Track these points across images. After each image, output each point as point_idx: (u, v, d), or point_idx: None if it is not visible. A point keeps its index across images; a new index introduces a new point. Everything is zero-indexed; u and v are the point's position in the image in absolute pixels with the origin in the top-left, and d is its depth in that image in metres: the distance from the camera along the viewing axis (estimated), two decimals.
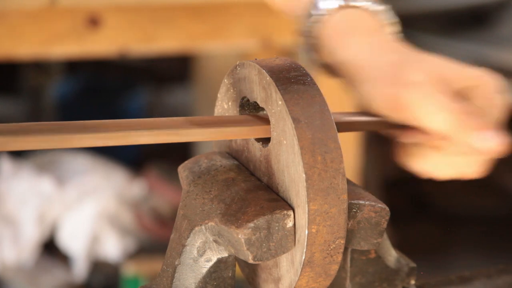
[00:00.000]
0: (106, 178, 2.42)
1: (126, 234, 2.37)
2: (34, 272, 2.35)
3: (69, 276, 2.36)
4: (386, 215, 0.77)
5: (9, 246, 2.31)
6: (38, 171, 2.39)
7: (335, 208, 0.72)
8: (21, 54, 1.84)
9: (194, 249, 0.76)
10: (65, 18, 1.80)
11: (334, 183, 0.72)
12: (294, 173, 0.72)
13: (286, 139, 0.73)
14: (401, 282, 0.85)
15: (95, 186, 2.39)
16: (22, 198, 2.34)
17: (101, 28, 1.82)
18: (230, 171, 0.79)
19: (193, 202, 0.78)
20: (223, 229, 0.73)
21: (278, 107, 0.73)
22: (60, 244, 2.37)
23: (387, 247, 0.85)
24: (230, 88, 0.80)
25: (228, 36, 1.92)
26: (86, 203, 2.35)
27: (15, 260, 2.32)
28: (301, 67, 0.76)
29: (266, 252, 0.72)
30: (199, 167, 0.81)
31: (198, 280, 0.76)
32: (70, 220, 2.34)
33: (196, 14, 1.87)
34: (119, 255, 2.34)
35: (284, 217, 0.72)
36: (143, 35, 1.86)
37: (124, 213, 2.39)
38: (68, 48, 1.85)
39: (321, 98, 0.74)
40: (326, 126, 0.72)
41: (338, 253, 0.74)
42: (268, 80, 0.74)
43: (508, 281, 0.93)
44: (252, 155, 0.79)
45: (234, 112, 0.81)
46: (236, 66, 0.79)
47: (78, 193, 2.37)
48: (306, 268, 0.73)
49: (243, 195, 0.75)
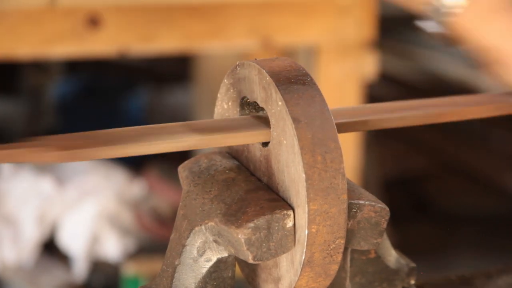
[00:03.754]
0: (106, 178, 2.42)
1: (126, 234, 2.37)
2: (34, 272, 2.35)
3: (69, 276, 2.36)
4: (386, 215, 0.77)
5: (9, 246, 2.31)
6: (38, 171, 2.39)
7: (335, 208, 0.72)
8: (21, 54, 1.84)
9: (194, 249, 0.76)
10: (65, 18, 1.80)
11: (334, 183, 0.72)
12: (294, 173, 0.72)
13: (286, 139, 0.73)
14: (401, 282, 0.85)
15: (95, 186, 2.39)
16: (22, 198, 2.34)
17: (101, 28, 1.82)
18: (230, 171, 0.79)
19: (193, 202, 0.78)
20: (223, 229, 0.73)
21: (278, 107, 0.73)
22: (60, 244, 2.37)
23: (387, 247, 0.85)
24: (230, 88, 0.81)
25: (228, 36, 1.92)
26: (86, 203, 2.35)
27: (15, 260, 2.32)
28: (301, 67, 0.76)
29: (266, 252, 0.72)
30: (199, 167, 0.81)
31: (198, 280, 0.76)
32: (70, 220, 2.34)
33: (196, 14, 1.87)
34: (119, 255, 2.34)
35: (284, 217, 0.72)
36: (143, 35, 1.86)
37: (124, 213, 2.39)
38: (68, 48, 1.85)
39: (321, 98, 0.74)
40: (326, 126, 0.72)
41: (338, 253, 0.74)
42: (268, 80, 0.74)
43: (508, 281, 0.93)
44: (252, 155, 0.79)
45: (234, 112, 0.81)
46: (236, 66, 0.79)
47: (78, 193, 2.37)
48: (306, 268, 0.73)
49: (243, 195, 0.75)
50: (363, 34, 1.98)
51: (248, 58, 0.79)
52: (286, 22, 1.94)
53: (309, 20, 1.95)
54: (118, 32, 1.84)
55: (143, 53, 1.98)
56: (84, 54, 1.91)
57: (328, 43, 1.97)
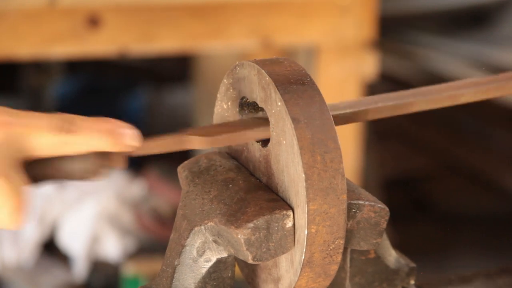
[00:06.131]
0: (106, 178, 2.42)
1: (126, 234, 2.37)
2: (34, 272, 2.35)
3: (69, 276, 2.36)
4: (386, 215, 0.76)
5: (9, 246, 2.31)
6: None
7: (335, 208, 0.72)
8: (21, 54, 1.84)
9: (193, 249, 0.76)
10: (65, 18, 1.80)
11: (334, 183, 0.72)
12: (294, 173, 0.72)
13: (285, 139, 0.73)
14: (401, 282, 0.85)
15: (95, 186, 2.39)
16: None
17: (101, 28, 1.82)
18: (229, 171, 0.79)
19: (192, 202, 0.78)
20: (222, 229, 0.73)
21: (277, 107, 0.73)
22: (60, 244, 2.37)
23: (386, 247, 0.85)
24: (230, 88, 0.80)
25: (228, 36, 1.92)
26: (86, 203, 2.35)
27: (15, 260, 2.32)
28: (301, 67, 0.76)
29: (265, 252, 0.72)
30: (199, 167, 0.81)
31: (198, 280, 0.76)
32: (70, 220, 2.34)
33: (196, 14, 1.87)
34: (119, 255, 2.34)
35: (284, 217, 0.72)
36: (143, 35, 1.86)
37: (124, 213, 2.39)
38: (68, 48, 1.85)
39: (321, 98, 0.74)
40: (325, 126, 0.72)
41: (337, 253, 0.73)
42: (267, 80, 0.74)
43: (508, 281, 0.93)
44: (251, 155, 0.79)
45: (233, 112, 0.81)
46: (235, 66, 0.79)
47: (78, 193, 2.37)
48: (305, 268, 0.73)
49: (243, 195, 0.75)
50: (363, 34, 1.98)
51: (248, 58, 0.79)
52: (286, 22, 1.94)
53: (309, 20, 1.95)
54: (118, 32, 1.84)
55: (143, 53, 1.98)
56: (84, 54, 1.91)
57: (328, 43, 1.97)
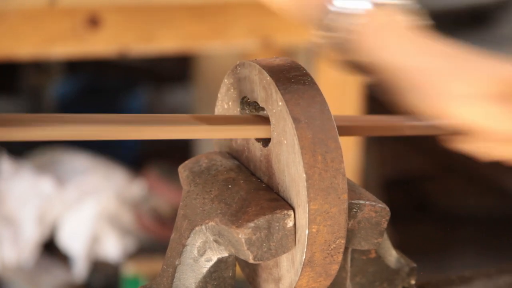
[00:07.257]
0: (106, 178, 2.42)
1: (126, 234, 2.37)
2: (34, 272, 2.35)
3: (69, 276, 2.36)
4: (387, 215, 0.77)
5: (9, 246, 2.31)
6: (38, 171, 2.39)
7: (336, 208, 0.72)
8: (21, 54, 1.84)
9: (194, 249, 0.76)
10: (65, 18, 1.80)
11: (335, 182, 0.72)
12: (295, 172, 0.72)
13: (286, 139, 0.73)
14: (402, 282, 0.85)
15: (95, 186, 2.39)
16: (22, 198, 2.33)
17: (101, 28, 1.82)
18: (230, 171, 0.79)
19: (193, 202, 0.78)
20: (223, 229, 0.73)
21: (278, 107, 0.73)
22: (60, 244, 2.36)
23: (387, 247, 0.85)
24: (231, 88, 0.81)
25: (228, 36, 1.92)
26: (86, 203, 2.34)
27: (15, 260, 2.32)
28: (301, 67, 0.76)
29: (266, 252, 0.72)
30: (200, 167, 0.81)
31: (199, 280, 0.76)
32: (70, 220, 2.34)
33: (196, 14, 1.87)
34: (119, 255, 2.34)
35: (285, 217, 0.72)
36: (143, 35, 1.86)
37: (124, 213, 2.39)
38: (68, 48, 1.85)
39: (322, 98, 0.74)
40: (326, 126, 0.72)
41: (338, 253, 0.74)
42: (268, 80, 0.74)
43: (508, 281, 0.93)
44: (252, 155, 0.79)
45: (234, 112, 0.81)
46: (236, 66, 0.79)
47: (78, 193, 2.36)
48: (306, 268, 0.73)
49: (244, 195, 0.75)
50: None
51: (248, 58, 0.79)
52: (286, 22, 1.94)
53: None
54: (118, 32, 1.84)
55: (143, 53, 1.98)
56: (84, 54, 1.91)
57: None
